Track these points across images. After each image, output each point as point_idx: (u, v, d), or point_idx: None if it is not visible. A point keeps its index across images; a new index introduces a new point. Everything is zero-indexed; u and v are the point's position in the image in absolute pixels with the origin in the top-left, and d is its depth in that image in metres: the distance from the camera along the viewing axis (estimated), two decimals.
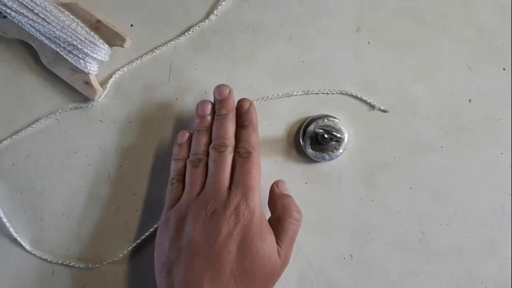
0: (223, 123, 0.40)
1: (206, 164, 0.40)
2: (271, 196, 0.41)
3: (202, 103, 0.42)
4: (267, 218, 0.40)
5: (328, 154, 0.43)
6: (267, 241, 0.37)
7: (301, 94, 0.44)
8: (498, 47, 0.44)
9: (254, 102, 0.43)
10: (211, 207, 0.37)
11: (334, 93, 0.44)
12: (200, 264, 0.36)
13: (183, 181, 0.40)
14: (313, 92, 0.44)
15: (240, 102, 0.42)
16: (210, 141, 0.41)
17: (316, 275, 0.44)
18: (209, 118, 0.41)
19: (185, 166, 0.41)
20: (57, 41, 0.41)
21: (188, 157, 0.41)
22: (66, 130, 0.44)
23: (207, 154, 0.40)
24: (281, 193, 0.41)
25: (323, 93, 0.44)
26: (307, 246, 0.44)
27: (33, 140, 0.44)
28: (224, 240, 0.36)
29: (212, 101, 0.42)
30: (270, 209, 0.41)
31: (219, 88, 0.41)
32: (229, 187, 0.38)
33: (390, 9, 0.44)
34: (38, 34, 0.41)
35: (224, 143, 0.40)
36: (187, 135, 0.42)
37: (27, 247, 0.44)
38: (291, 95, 0.44)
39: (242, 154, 0.39)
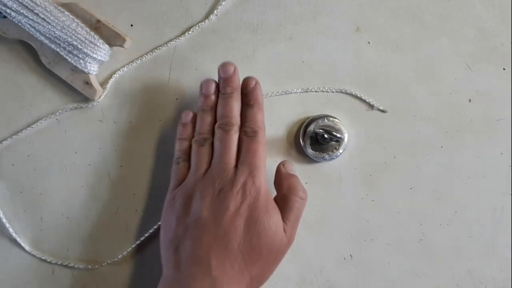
0: (228, 102, 0.40)
1: (212, 143, 0.40)
2: (277, 176, 0.41)
3: (206, 82, 0.41)
4: (273, 197, 0.41)
5: (328, 154, 0.43)
6: (273, 218, 0.38)
7: (300, 92, 0.44)
8: (498, 47, 0.44)
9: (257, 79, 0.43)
10: (218, 185, 0.38)
11: (333, 92, 0.44)
12: (208, 239, 0.37)
13: (188, 160, 0.41)
14: (313, 90, 0.44)
15: (246, 80, 0.41)
16: (215, 120, 0.41)
17: (316, 275, 0.44)
18: (213, 97, 0.41)
19: (190, 146, 0.41)
20: (57, 41, 0.41)
21: (193, 137, 0.41)
22: (66, 130, 0.44)
23: (212, 133, 0.40)
24: (287, 172, 0.41)
25: (323, 91, 0.44)
26: (307, 246, 0.44)
27: (33, 140, 0.44)
28: (231, 217, 0.37)
29: (217, 79, 0.42)
30: (276, 188, 0.41)
31: (223, 66, 0.41)
32: (236, 166, 0.39)
33: (389, 9, 0.44)
34: (38, 34, 0.41)
35: (229, 122, 0.40)
36: (191, 114, 0.42)
37: (27, 247, 0.44)
38: (290, 93, 0.44)
39: (248, 133, 0.40)
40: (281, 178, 0.41)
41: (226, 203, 0.37)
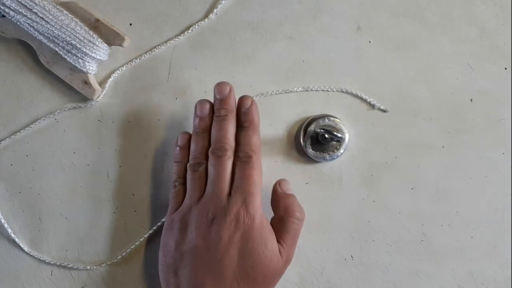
0: (222, 125, 0.39)
1: (206, 167, 0.39)
2: (273, 196, 0.41)
3: (201, 103, 0.40)
4: (270, 218, 0.40)
5: (328, 154, 0.43)
6: (268, 246, 0.38)
7: (301, 91, 0.44)
8: (499, 46, 0.43)
9: (253, 98, 0.42)
10: (211, 214, 0.38)
11: (334, 91, 0.44)
12: (203, 268, 0.37)
13: (184, 183, 0.40)
14: (313, 89, 0.43)
15: (241, 100, 0.40)
16: (209, 143, 0.40)
17: (317, 276, 0.44)
18: (207, 119, 0.40)
19: (186, 169, 0.40)
20: (56, 40, 0.41)
21: (188, 160, 0.41)
22: (65, 130, 0.44)
23: (207, 157, 0.39)
24: (284, 193, 0.40)
25: (324, 90, 0.44)
26: (307, 247, 0.44)
27: (31, 140, 0.44)
28: (225, 246, 0.37)
29: (212, 100, 0.41)
30: (272, 209, 0.41)
31: (219, 86, 0.40)
32: (229, 193, 0.38)
33: (390, 8, 0.43)
34: (36, 33, 0.41)
35: (223, 147, 0.39)
36: (187, 137, 0.41)
37: (26, 248, 0.44)
38: (291, 92, 0.43)
39: (241, 158, 0.38)
40: (277, 199, 0.40)
41: (219, 233, 0.37)
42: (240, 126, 0.40)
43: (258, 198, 0.38)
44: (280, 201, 0.40)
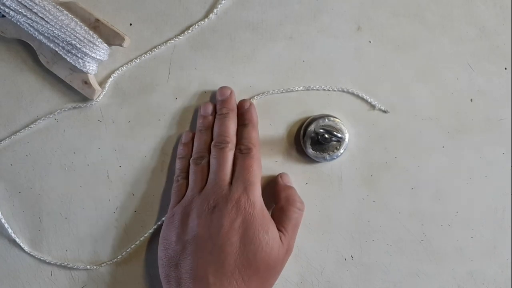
0: (223, 121, 0.41)
1: (209, 161, 0.41)
2: (275, 187, 0.42)
3: (204, 104, 0.43)
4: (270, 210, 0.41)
5: (328, 154, 0.43)
6: (269, 233, 0.38)
7: (301, 90, 0.44)
8: (499, 47, 0.43)
9: (254, 98, 0.43)
10: (213, 201, 0.39)
11: (335, 91, 0.44)
12: (205, 257, 0.38)
13: (187, 178, 0.42)
14: (314, 88, 0.43)
15: (241, 102, 0.43)
16: (211, 139, 0.42)
17: (317, 276, 0.44)
18: (210, 118, 0.43)
19: (189, 164, 0.42)
20: (56, 40, 0.41)
21: (191, 156, 0.42)
22: (65, 130, 0.44)
23: (209, 152, 0.41)
24: (285, 184, 0.42)
25: (324, 90, 0.44)
26: (307, 247, 0.44)
27: (31, 140, 0.44)
28: (226, 233, 0.38)
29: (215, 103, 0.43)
30: (274, 200, 0.42)
31: (221, 90, 0.43)
32: (231, 182, 0.40)
33: (390, 8, 0.43)
34: (36, 33, 0.41)
35: (224, 140, 0.41)
36: (191, 134, 0.43)
37: (26, 248, 0.44)
38: (292, 91, 0.43)
39: (242, 150, 0.41)
40: (279, 189, 0.42)
41: (221, 220, 0.38)
42: (241, 124, 0.42)
43: (258, 187, 0.40)
44: (281, 192, 0.42)
